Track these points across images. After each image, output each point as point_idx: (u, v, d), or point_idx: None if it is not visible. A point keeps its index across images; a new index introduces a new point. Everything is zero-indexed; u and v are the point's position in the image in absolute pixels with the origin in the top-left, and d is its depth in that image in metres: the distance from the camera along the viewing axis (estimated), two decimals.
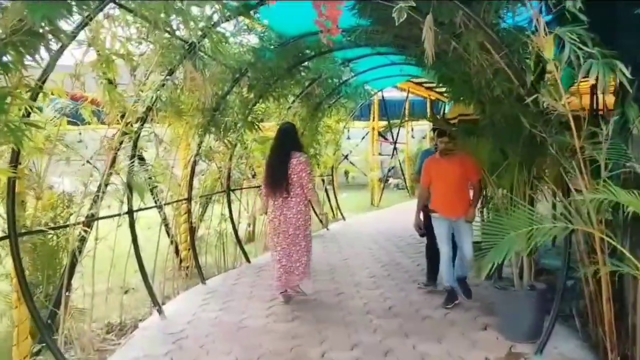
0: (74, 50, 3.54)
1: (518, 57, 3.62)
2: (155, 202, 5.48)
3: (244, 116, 6.24)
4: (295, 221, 4.85)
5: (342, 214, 11.08)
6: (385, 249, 7.70)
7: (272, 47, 5.62)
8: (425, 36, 2.93)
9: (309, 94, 8.03)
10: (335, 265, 6.77)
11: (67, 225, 4.25)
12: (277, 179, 4.80)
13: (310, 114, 8.50)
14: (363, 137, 19.30)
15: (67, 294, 3.93)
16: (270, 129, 8.12)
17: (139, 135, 4.66)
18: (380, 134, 18.30)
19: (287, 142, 4.93)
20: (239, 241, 7.06)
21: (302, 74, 7.28)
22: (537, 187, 4.08)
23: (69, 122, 4.18)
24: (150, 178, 5.38)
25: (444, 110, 21.38)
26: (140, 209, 4.93)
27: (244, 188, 7.65)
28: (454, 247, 4.89)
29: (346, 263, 6.86)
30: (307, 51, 6.54)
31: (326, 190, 11.12)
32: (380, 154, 16.61)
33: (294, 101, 7.87)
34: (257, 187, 8.10)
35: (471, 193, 4.92)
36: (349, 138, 16.98)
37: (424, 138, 19.80)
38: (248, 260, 7.03)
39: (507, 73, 3.62)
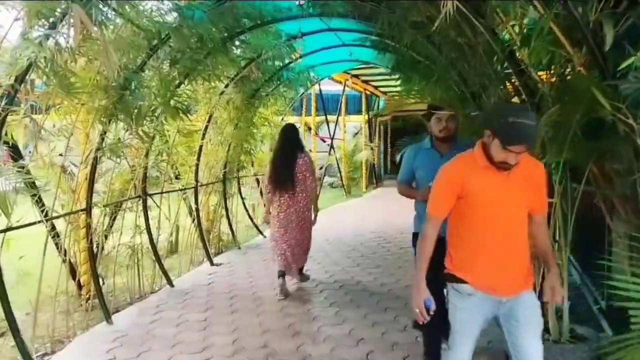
0: None
1: None
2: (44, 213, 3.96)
3: (164, 100, 4.77)
4: (302, 214, 5.27)
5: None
6: (339, 264, 6.51)
7: (202, 5, 4.22)
8: None
9: (245, 77, 6.66)
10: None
11: None
12: (284, 178, 5.16)
13: (246, 102, 7.13)
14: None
15: None
16: (199, 120, 6.69)
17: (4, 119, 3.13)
18: (309, 129, 17.29)
19: (292, 143, 5.27)
20: (158, 259, 5.58)
21: (239, 50, 5.93)
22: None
23: None
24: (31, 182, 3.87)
25: (378, 105, 20.87)
26: (10, 228, 3.39)
27: (165, 192, 6.15)
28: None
29: (297, 285, 5.58)
30: (246, 20, 5.22)
31: (260, 192, 9.78)
32: (331, 146, 15.54)
33: (227, 85, 6.46)
34: (182, 189, 6.64)
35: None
36: None
37: (355, 135, 19.00)
38: (170, 284, 5.57)
39: None
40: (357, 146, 16.95)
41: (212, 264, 6.52)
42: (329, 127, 15.80)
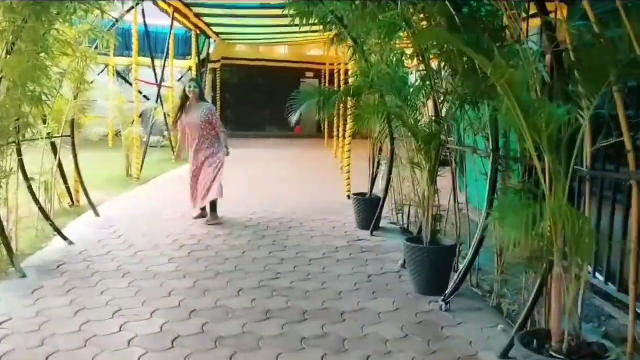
0: None
1: None
2: None
3: None
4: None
5: (91, 202, 6.41)
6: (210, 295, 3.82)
7: None
8: None
9: None
10: None
11: None
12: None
13: (34, 5, 3.75)
14: (101, 72, 13.95)
15: None
16: None
17: None
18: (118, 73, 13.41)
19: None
20: None
21: None
22: None
23: None
24: None
25: (209, 48, 17.57)
26: None
27: None
28: None
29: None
30: None
31: (59, 163, 6.27)
32: (145, 97, 11.87)
33: None
34: None
35: None
36: None
37: (179, 80, 15.57)
38: None
39: None
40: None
41: None
42: (155, 72, 12.20)
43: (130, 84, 12.53)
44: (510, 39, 3.11)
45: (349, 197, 7.65)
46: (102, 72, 16.02)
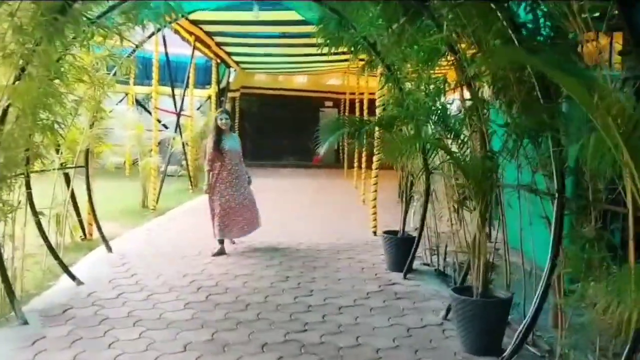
0: None
1: None
2: None
3: None
4: None
5: (103, 237, 6.02)
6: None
7: None
8: None
9: None
10: None
11: None
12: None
13: (46, 23, 3.43)
14: (120, 100, 13.89)
15: None
16: None
17: None
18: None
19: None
20: None
21: None
22: None
23: None
24: None
25: (229, 78, 17.44)
26: None
27: None
28: None
29: None
30: None
31: (72, 195, 5.95)
32: (164, 125, 11.64)
33: None
34: None
35: None
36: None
37: (198, 109, 15.43)
38: None
39: None
40: (207, 126, 13.37)
41: None
42: (175, 101, 12.01)
43: (150, 113, 12.32)
44: (586, 63, 2.69)
45: (375, 233, 7.19)
46: (121, 100, 15.99)
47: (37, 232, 4.67)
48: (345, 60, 13.90)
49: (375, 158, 7.17)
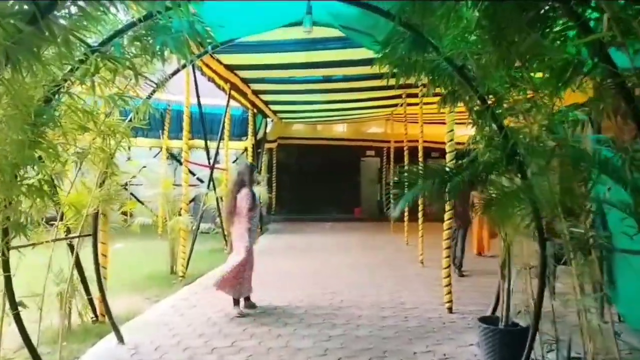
0: None
1: None
2: None
3: None
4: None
5: (114, 325, 4.79)
6: None
7: None
8: None
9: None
10: None
11: None
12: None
13: (21, 42, 2.39)
14: (156, 155, 13.17)
15: None
16: None
17: None
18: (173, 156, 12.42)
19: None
20: None
21: None
22: None
23: None
24: None
25: (265, 129, 16.61)
26: None
27: None
28: None
29: None
30: None
31: (77, 261, 4.83)
32: (199, 179, 10.69)
33: None
34: None
35: None
36: (128, 159, 10.57)
37: (235, 161, 14.59)
38: None
39: None
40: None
41: None
42: (208, 154, 11.09)
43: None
44: None
45: (450, 309, 5.76)
46: (157, 155, 15.29)
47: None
48: (393, 105, 12.96)
49: (446, 216, 5.84)
